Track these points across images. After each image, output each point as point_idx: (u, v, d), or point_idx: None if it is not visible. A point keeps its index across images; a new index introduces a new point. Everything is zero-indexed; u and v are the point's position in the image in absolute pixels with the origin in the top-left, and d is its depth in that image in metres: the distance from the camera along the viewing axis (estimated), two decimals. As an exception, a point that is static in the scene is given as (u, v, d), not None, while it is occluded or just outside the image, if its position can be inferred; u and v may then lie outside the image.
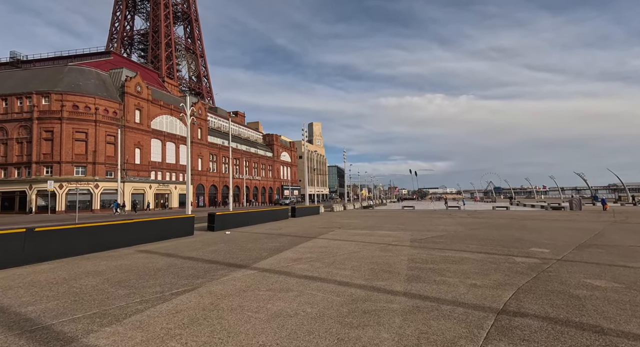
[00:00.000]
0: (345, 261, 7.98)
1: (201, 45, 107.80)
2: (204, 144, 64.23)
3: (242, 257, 8.38)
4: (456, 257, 8.41)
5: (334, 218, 23.66)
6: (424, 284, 5.84)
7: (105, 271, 6.81)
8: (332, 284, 5.84)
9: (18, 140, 43.41)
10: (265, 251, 9.44)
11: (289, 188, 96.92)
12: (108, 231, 9.48)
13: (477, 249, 9.62)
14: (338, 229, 15.81)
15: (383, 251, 9.45)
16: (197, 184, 61.70)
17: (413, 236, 12.94)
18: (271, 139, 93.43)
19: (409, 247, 10.14)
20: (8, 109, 44.45)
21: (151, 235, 10.91)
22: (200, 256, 8.62)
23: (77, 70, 48.29)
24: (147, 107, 52.06)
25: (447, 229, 15.22)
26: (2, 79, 49.85)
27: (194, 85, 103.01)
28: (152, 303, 4.71)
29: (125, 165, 47.36)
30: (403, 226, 17.30)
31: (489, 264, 7.54)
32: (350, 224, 18.13)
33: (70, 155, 42.99)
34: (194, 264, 7.51)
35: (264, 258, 8.28)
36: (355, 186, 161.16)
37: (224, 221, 15.01)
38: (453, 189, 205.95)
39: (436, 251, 9.39)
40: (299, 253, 9.04)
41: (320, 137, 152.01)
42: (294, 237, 12.47)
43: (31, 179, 41.83)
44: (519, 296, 5.14)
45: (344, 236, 13.01)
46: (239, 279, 6.20)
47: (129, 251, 9.34)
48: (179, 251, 9.41)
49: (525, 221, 19.98)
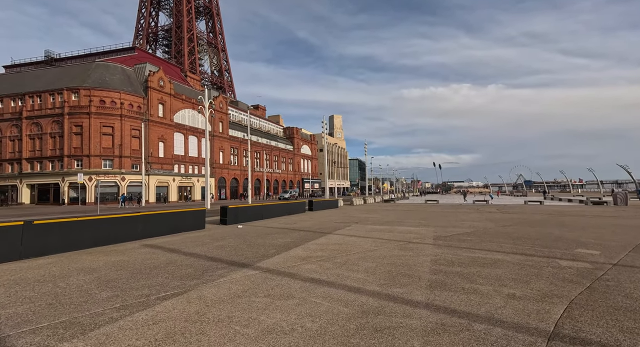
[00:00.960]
0: (359, 261, 7.16)
1: (222, 40, 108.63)
2: (225, 138, 64.85)
3: (248, 255, 7.75)
4: (487, 258, 7.36)
5: (352, 212, 22.79)
6: (450, 293, 4.93)
7: (100, 268, 6.39)
8: (340, 290, 5.05)
9: (51, 135, 45.50)
10: (274, 247, 8.79)
11: (309, 181, 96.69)
12: (114, 225, 9.17)
13: (512, 249, 8.48)
14: (355, 224, 14.96)
15: (402, 249, 8.53)
16: (218, 177, 62.58)
17: (437, 232, 11.87)
18: (292, 132, 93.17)
19: (432, 245, 9.15)
20: (42, 105, 46.61)
21: (160, 229, 10.57)
22: (204, 252, 8.09)
23: (103, 66, 49.74)
24: (169, 101, 52.98)
25: (475, 226, 13.98)
26: (36, 77, 52.32)
27: (215, 79, 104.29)
28: (131, 310, 4.12)
29: (150, 158, 48.58)
30: (425, 221, 16.18)
31: (528, 268, 6.46)
32: (369, 219, 17.21)
33: (98, 149, 44.57)
34: (195, 262, 6.96)
35: (271, 256, 7.61)
36: (376, 180, 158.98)
37: (237, 215, 14.56)
38: (479, 183, 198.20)
39: (463, 250, 8.35)
40: (310, 251, 8.31)
41: (341, 130, 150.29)
42: (307, 233, 11.77)
43: (63, 171, 43.80)
44: (573, 313, 4.12)
45: (361, 231, 12.15)
46: (237, 281, 5.54)
47: (134, 245, 8.99)
48: (185, 246, 8.95)
49: (563, 217, 18.22)
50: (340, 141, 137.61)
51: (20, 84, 50.37)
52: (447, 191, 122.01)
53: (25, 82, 50.66)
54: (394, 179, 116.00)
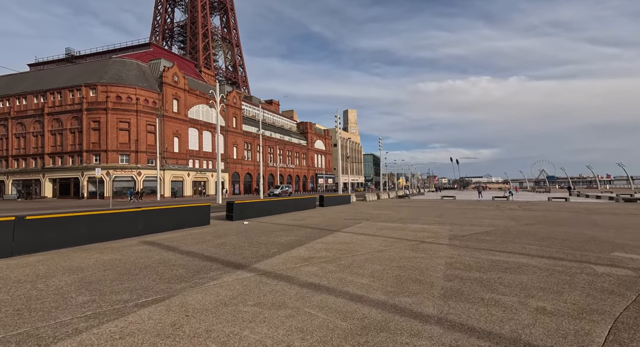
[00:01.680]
0: (365, 263, 6.55)
1: (237, 35, 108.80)
2: (239, 133, 65.03)
3: (247, 254, 7.28)
4: (510, 262, 6.59)
5: (364, 208, 22.10)
6: (467, 305, 4.26)
7: (89, 267, 6.04)
8: (341, 299, 4.47)
9: (71, 131, 46.71)
10: (276, 246, 8.28)
11: (323, 176, 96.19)
12: (113, 220, 8.90)
13: (538, 251, 7.65)
14: (366, 221, 14.30)
15: (414, 250, 7.85)
16: (232, 172, 62.94)
17: (453, 231, 11.08)
18: (305, 127, 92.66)
19: (448, 246, 8.41)
20: (62, 102, 47.85)
21: (162, 225, 10.28)
22: (201, 250, 7.67)
23: (119, 63, 50.53)
24: (184, 97, 53.39)
25: (495, 224, 13.05)
26: (57, 74, 53.78)
27: (230, 74, 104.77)
28: (101, 319, 3.68)
29: (165, 153, 49.23)
30: (441, 218, 15.33)
31: (559, 274, 5.68)
32: (381, 216, 16.50)
33: (115, 144, 45.45)
34: (189, 262, 6.53)
35: (271, 256, 7.10)
36: (391, 175, 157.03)
37: (244, 210, 14.18)
38: (499, 178, 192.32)
39: (482, 252, 7.59)
40: (313, 250, 7.75)
41: (355, 125, 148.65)
42: (314, 230, 11.22)
43: (82, 166, 44.94)
44: (621, 336, 3.39)
45: (371, 229, 11.50)
46: (228, 285, 5.05)
47: (133, 242, 8.69)
48: (184, 243, 8.57)
49: (592, 215, 16.93)
50: (354, 136, 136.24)
51: (43, 82, 51.90)
52: (464, 187, 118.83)
53: (47, 80, 52.15)
54: (409, 175, 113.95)
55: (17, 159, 50.08)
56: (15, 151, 50.07)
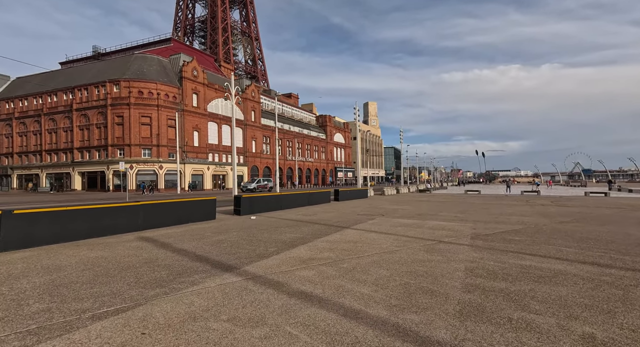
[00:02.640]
0: (370, 266, 5.75)
1: (256, 28, 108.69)
2: (257, 126, 65.11)
3: (242, 254, 6.66)
4: (544, 269, 5.58)
5: (381, 203, 21.12)
6: (490, 328, 3.39)
7: (69, 266, 5.63)
8: (333, 314, 3.72)
9: (97, 126, 48.34)
10: (277, 244, 7.63)
11: (342, 170, 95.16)
12: (112, 215, 8.58)
13: (578, 256, 6.53)
14: (381, 216, 13.40)
15: (430, 251, 6.94)
16: (251, 166, 63.28)
17: (475, 229, 10.00)
18: (324, 120, 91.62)
19: (469, 247, 7.43)
20: (89, 98, 49.53)
21: (165, 219, 9.91)
22: (195, 248, 7.14)
23: (141, 58, 51.54)
24: (203, 91, 53.85)
25: (524, 221, 11.79)
26: (85, 71, 55.71)
27: (249, 68, 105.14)
28: (42, 336, 3.14)
29: (185, 147, 50.05)
30: (463, 214, 14.15)
31: (608, 287, 4.64)
32: (398, 211, 15.51)
33: (137, 139, 46.61)
34: (176, 262, 5.99)
35: (267, 256, 6.45)
36: (413, 169, 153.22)
37: (253, 205, 13.67)
38: (528, 172, 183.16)
39: (510, 255, 6.57)
40: (316, 250, 7.03)
41: (375, 117, 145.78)
42: (323, 226, 10.49)
43: (108, 160, 46.47)
44: None
45: (385, 226, 10.62)
46: (206, 292, 4.43)
47: (130, 237, 8.33)
48: (180, 240, 8.10)
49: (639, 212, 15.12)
50: (374, 129, 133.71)
51: (72, 79, 53.93)
52: (490, 181, 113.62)
53: (75, 77, 54.15)
54: (432, 168, 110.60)
55: (49, 153, 52.62)
56: (48, 146, 52.60)
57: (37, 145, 53.61)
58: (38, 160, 53.46)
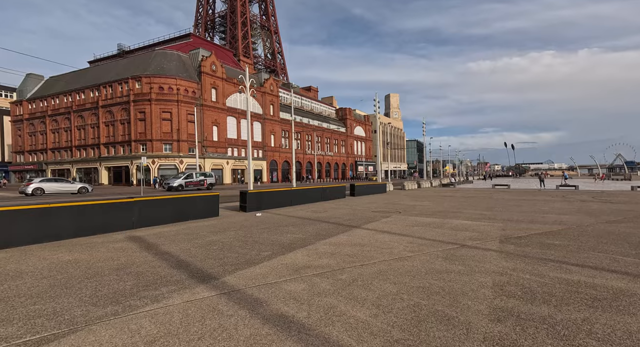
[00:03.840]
0: (374, 279, 4.76)
1: (275, 22, 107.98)
2: (276, 120, 64.70)
3: (229, 259, 5.86)
4: (598, 286, 4.36)
5: (399, 198, 19.85)
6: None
7: (30, 273, 5.04)
8: (310, 354, 2.79)
9: (121, 122, 49.66)
10: (273, 247, 6.79)
11: (362, 164, 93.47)
12: (103, 212, 8.07)
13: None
14: (397, 214, 12.27)
15: (449, 259, 5.83)
16: (270, 160, 63.14)
17: (505, 230, 8.70)
18: (344, 113, 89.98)
19: (497, 253, 6.24)
20: (113, 94, 50.91)
21: (162, 217, 9.35)
22: (181, 251, 6.43)
23: (161, 54, 52.22)
24: (222, 86, 53.94)
25: (564, 221, 10.28)
26: (109, 69, 57.33)
27: (269, 62, 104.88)
28: None
29: (205, 142, 50.49)
30: (491, 212, 12.72)
31: (693, 322, 3.40)
32: (416, 208, 14.28)
33: (159, 134, 47.45)
34: (152, 268, 5.28)
35: (257, 263, 5.61)
36: (437, 162, 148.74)
37: (260, 201, 12.93)
38: (563, 164, 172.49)
39: (550, 266, 5.35)
40: (315, 255, 6.11)
41: (397, 110, 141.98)
42: (331, 225, 9.55)
43: (131, 155, 47.70)
44: None
45: (399, 226, 9.52)
46: (164, 313, 3.62)
47: (120, 236, 7.78)
48: (170, 240, 7.44)
49: (701, 211, 13.01)
50: (396, 121, 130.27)
51: (98, 76, 55.67)
52: (520, 174, 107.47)
53: (101, 74, 55.83)
54: (457, 161, 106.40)
55: (79, 149, 54.85)
56: (78, 142, 54.81)
57: (67, 142, 56.03)
58: (69, 155, 55.91)
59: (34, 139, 60.86)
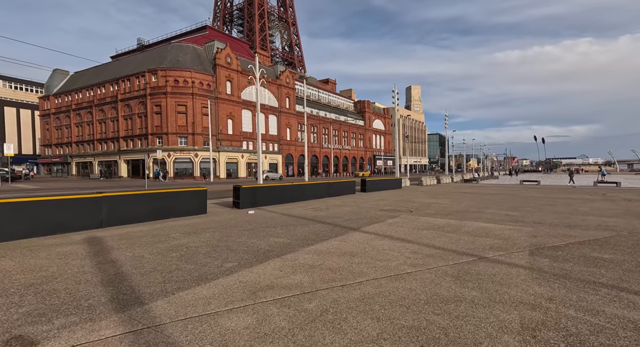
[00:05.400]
0: (351, 310, 3.45)
1: (293, 13, 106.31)
2: (292, 113, 63.60)
3: (180, 272, 4.72)
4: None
5: (414, 195, 18.21)
6: None
7: None
8: None
9: (138, 115, 50.20)
10: (243, 256, 5.59)
11: (381, 158, 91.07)
12: (64, 208, 7.17)
13: None
14: (408, 213, 10.78)
15: (460, 279, 4.40)
16: (285, 154, 62.27)
17: (536, 236, 7.09)
18: (363, 106, 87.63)
19: (527, 270, 4.74)
20: (131, 88, 51.49)
21: (139, 214, 8.41)
22: (128, 259, 5.36)
23: (177, 47, 52.16)
24: (237, 78, 53.30)
25: (610, 225, 8.47)
26: (128, 63, 58.08)
27: (286, 55, 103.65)
28: None
29: (219, 135, 50.21)
30: (518, 212, 10.97)
31: None
32: (431, 207, 12.69)
33: (174, 127, 47.55)
34: (75, 284, 4.22)
35: (212, 279, 4.43)
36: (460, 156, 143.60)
37: (256, 197, 11.82)
38: (599, 159, 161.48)
39: (602, 294, 3.82)
40: (289, 269, 4.86)
41: (419, 102, 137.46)
42: (326, 226, 8.26)
43: (148, 149, 48.12)
44: None
45: (406, 228, 8.09)
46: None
47: (78, 238, 6.85)
48: (129, 243, 6.42)
49: None
50: (417, 114, 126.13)
51: (118, 71, 56.56)
52: (551, 170, 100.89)
53: (121, 69, 56.69)
54: (481, 156, 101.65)
55: (100, 142, 56.21)
56: (99, 135, 56.15)
57: (90, 135, 57.55)
58: (91, 149, 57.46)
59: (60, 132, 63.06)
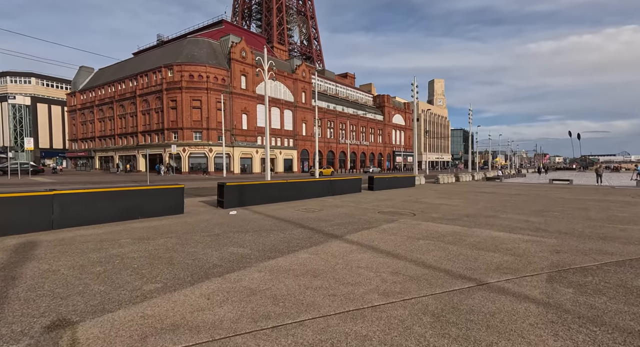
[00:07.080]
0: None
1: (312, 6, 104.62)
2: (308, 108, 62.48)
3: (76, 299, 3.73)
4: None
5: (425, 195, 16.63)
6: None
7: None
8: None
9: (155, 110, 50.83)
10: (179, 273, 4.55)
11: (401, 154, 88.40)
12: (9, 207, 6.43)
13: None
14: (408, 217, 9.41)
15: (439, 322, 3.09)
16: (301, 149, 61.36)
17: (560, 251, 5.57)
18: (382, 100, 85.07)
19: (540, 308, 3.35)
20: (148, 83, 52.17)
21: (100, 214, 7.61)
22: (34, 276, 4.45)
23: (193, 42, 52.19)
24: (252, 73, 52.72)
25: (660, 241, 6.74)
26: (147, 59, 58.89)
27: (304, 49, 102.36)
28: None
29: (234, 130, 49.96)
30: (541, 218, 9.30)
31: None
32: (439, 209, 11.20)
33: (189, 122, 47.74)
34: None
35: (110, 310, 3.41)
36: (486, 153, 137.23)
37: (242, 195, 10.82)
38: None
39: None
40: (220, 296, 3.75)
41: (442, 97, 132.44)
42: (306, 233, 7.09)
43: (164, 143, 48.68)
44: None
45: (399, 238, 6.77)
46: None
47: (12, 242, 6.07)
48: (61, 252, 5.54)
49: None
50: (440, 109, 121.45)
51: (137, 67, 57.56)
52: (586, 167, 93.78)
53: (140, 65, 57.64)
54: (509, 152, 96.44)
55: (120, 137, 57.65)
56: (119, 130, 57.58)
57: (112, 130, 59.15)
58: (113, 143, 59.07)
59: (85, 127, 65.32)
